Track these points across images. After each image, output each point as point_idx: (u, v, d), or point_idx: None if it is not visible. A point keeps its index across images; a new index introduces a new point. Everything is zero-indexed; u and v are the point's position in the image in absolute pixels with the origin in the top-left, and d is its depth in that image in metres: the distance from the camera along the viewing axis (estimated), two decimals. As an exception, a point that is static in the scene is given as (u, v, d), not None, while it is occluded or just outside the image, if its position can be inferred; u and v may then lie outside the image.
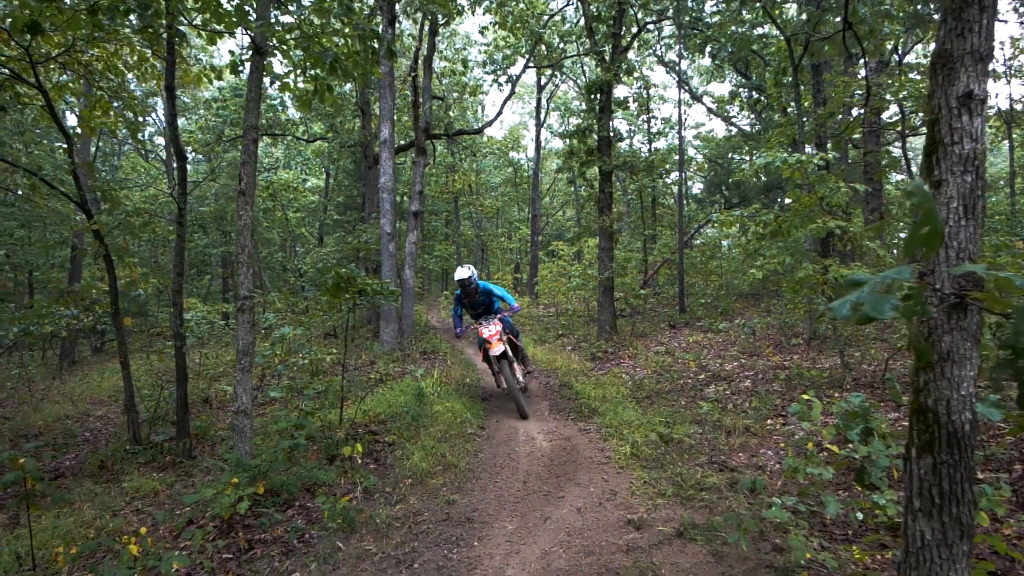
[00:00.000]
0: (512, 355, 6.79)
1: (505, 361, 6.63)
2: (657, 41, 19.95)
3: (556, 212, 34.75)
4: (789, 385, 6.37)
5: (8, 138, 13.24)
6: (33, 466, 2.55)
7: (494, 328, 6.63)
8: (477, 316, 7.15)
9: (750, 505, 3.38)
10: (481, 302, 7.10)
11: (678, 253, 13.66)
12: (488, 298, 7.08)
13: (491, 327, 6.64)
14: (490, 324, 6.67)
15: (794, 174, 6.24)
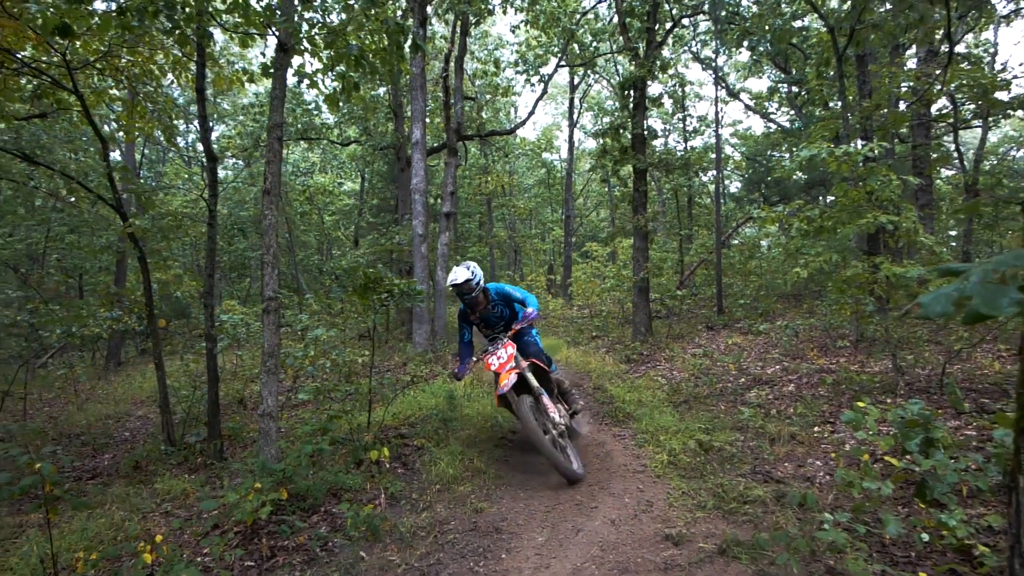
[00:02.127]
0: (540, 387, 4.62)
1: (528, 397, 4.43)
2: (692, 37, 19.50)
3: (590, 213, 34.40)
4: (836, 390, 6.02)
5: (58, 146, 13.69)
6: (50, 470, 2.50)
7: (503, 353, 4.60)
8: (496, 336, 5.03)
9: (799, 521, 3.13)
10: (497, 314, 5.08)
11: (716, 253, 13.26)
12: (507, 305, 5.07)
13: (499, 352, 4.62)
14: (497, 348, 4.67)
15: (841, 167, 5.90)
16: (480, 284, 4.79)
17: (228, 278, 24.28)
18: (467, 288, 4.71)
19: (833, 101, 16.04)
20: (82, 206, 9.76)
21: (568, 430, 4.69)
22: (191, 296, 13.41)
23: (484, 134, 18.49)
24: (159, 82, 7.70)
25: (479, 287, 4.80)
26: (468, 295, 4.77)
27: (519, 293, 4.99)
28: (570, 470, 4.27)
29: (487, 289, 4.97)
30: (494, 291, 4.99)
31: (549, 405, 4.51)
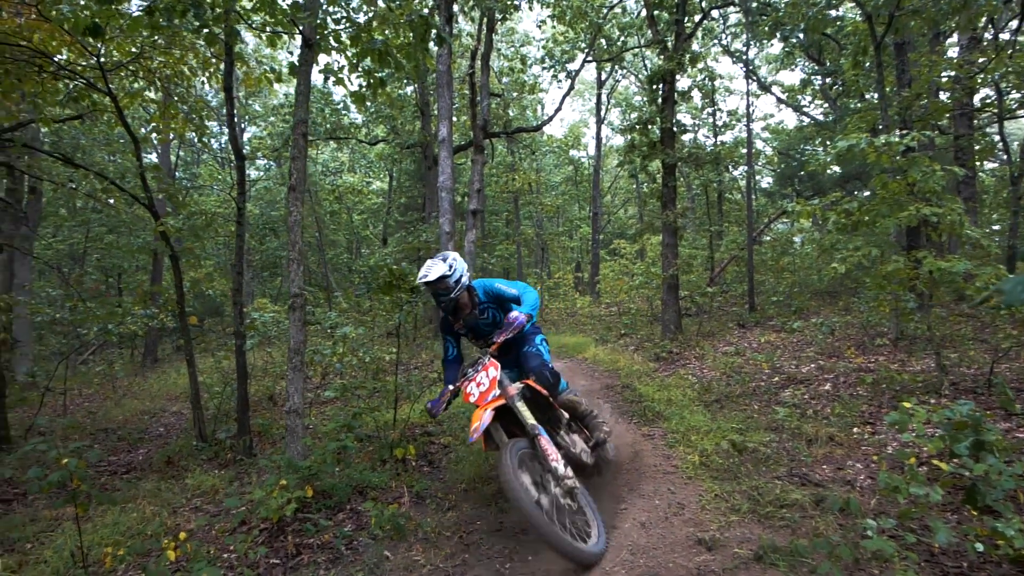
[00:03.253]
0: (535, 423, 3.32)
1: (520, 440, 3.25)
2: (722, 30, 19.13)
3: (617, 210, 34.08)
4: (876, 390, 5.80)
5: (96, 148, 14.09)
6: (78, 465, 2.51)
7: (484, 378, 3.45)
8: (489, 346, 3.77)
9: (840, 527, 2.98)
10: (488, 321, 3.93)
11: (747, 249, 12.97)
12: (500, 307, 3.91)
13: (478, 377, 3.48)
14: (478, 371, 3.52)
15: (880, 158, 5.67)
16: (462, 281, 3.62)
17: (260, 277, 24.68)
18: (443, 286, 3.55)
19: (870, 92, 15.57)
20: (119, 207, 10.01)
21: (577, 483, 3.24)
22: (223, 294, 13.65)
23: (511, 131, 18.43)
24: (190, 83, 7.81)
25: (460, 285, 3.61)
26: (446, 296, 3.60)
27: (513, 289, 3.86)
28: (577, 552, 2.90)
29: (472, 288, 3.79)
30: (482, 290, 3.83)
31: (550, 450, 3.20)
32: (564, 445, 3.56)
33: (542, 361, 3.74)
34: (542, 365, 3.69)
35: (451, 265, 3.60)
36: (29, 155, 7.94)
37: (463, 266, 3.68)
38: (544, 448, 3.21)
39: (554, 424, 3.61)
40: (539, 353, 3.79)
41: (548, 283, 22.14)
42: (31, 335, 12.28)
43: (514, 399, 3.35)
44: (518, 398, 3.37)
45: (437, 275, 3.53)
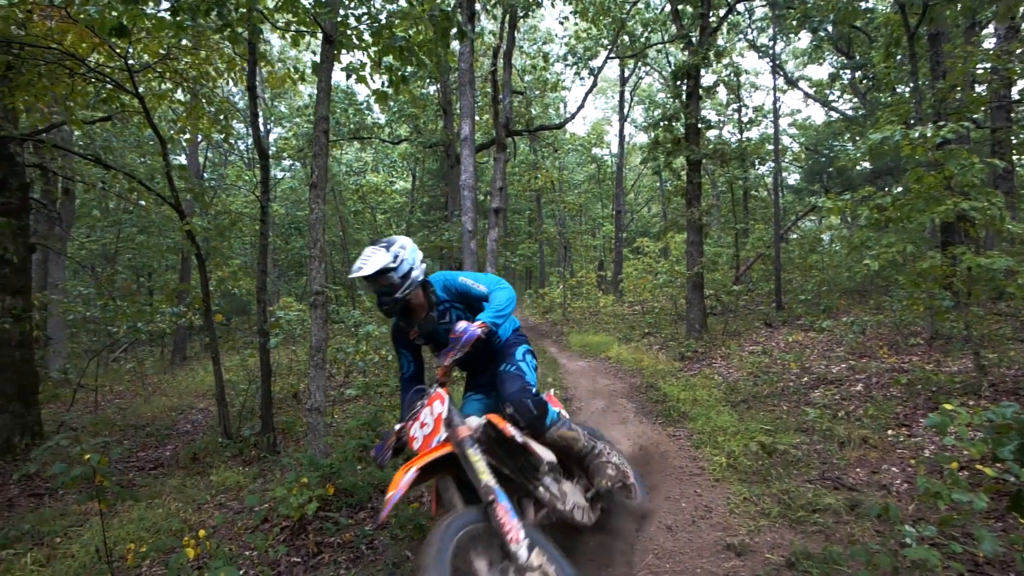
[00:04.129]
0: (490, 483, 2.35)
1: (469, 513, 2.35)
2: (748, 24, 18.80)
3: (641, 208, 33.80)
4: (911, 391, 5.61)
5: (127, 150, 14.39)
6: (99, 461, 2.52)
7: (428, 415, 2.57)
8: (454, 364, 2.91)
9: (878, 534, 2.86)
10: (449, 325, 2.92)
11: (774, 247, 12.71)
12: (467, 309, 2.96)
13: (424, 415, 2.60)
14: (423, 407, 2.63)
15: (915, 151, 5.48)
16: (413, 276, 2.74)
17: (286, 276, 24.99)
18: (387, 283, 2.67)
19: (902, 85, 15.16)
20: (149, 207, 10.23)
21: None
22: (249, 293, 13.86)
23: (533, 129, 18.35)
24: (215, 83, 7.89)
25: (411, 281, 2.73)
26: (390, 295, 2.70)
27: (483, 284, 2.90)
28: None
29: (428, 284, 2.91)
30: (441, 285, 2.92)
31: (508, 524, 2.23)
32: (546, 501, 2.64)
33: (523, 385, 2.76)
34: (522, 391, 2.71)
35: (397, 255, 2.68)
36: (62, 156, 8.12)
37: (415, 256, 2.78)
38: (500, 520, 2.22)
39: (528, 474, 2.62)
40: (520, 374, 2.82)
41: (571, 282, 22.01)
42: (64, 333, 12.57)
43: (465, 445, 2.38)
44: (470, 444, 2.39)
45: (376, 268, 2.61)
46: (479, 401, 3.07)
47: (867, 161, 15.06)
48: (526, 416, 2.66)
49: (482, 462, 2.38)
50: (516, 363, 2.90)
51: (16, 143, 6.54)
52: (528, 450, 2.56)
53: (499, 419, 2.56)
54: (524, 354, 2.97)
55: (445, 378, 2.68)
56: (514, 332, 3.12)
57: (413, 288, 2.77)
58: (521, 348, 3.00)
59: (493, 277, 2.97)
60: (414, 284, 2.76)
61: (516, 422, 2.60)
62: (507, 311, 2.76)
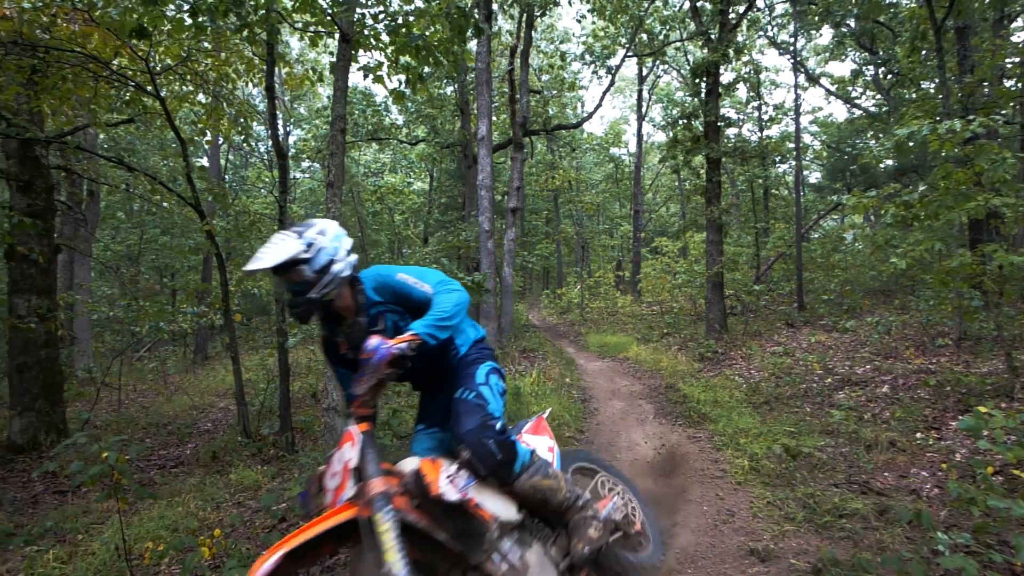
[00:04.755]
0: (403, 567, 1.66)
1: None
2: (768, 21, 18.55)
3: (659, 208, 33.55)
4: (939, 393, 5.46)
5: (150, 152, 14.64)
6: (116, 460, 2.53)
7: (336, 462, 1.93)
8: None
9: (909, 541, 2.77)
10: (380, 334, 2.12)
11: (796, 245, 12.52)
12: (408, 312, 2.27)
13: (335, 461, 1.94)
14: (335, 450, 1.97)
15: (944, 146, 5.33)
16: (334, 271, 2.12)
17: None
18: (297, 278, 2.07)
19: (927, 81, 14.85)
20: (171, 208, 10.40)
21: None
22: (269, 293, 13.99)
23: (550, 128, 18.31)
24: (234, 85, 7.96)
25: (331, 277, 2.11)
26: (302, 294, 2.09)
27: (428, 283, 2.24)
28: None
29: (357, 281, 2.26)
30: (372, 284, 2.26)
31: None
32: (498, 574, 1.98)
33: (484, 419, 2.12)
34: (482, 428, 2.08)
35: (311, 243, 2.07)
36: (87, 159, 8.26)
37: (339, 245, 2.16)
38: None
39: (473, 541, 1.95)
40: (480, 403, 2.17)
41: (588, 282, 21.91)
42: (90, 332, 12.79)
43: (374, 507, 1.78)
44: (381, 506, 1.77)
45: (279, 260, 1.98)
46: (431, 437, 2.38)
47: (892, 158, 14.77)
48: (487, 462, 2.03)
49: (391, 533, 1.71)
50: (476, 388, 2.21)
51: (41, 146, 6.64)
52: (469, 511, 1.96)
53: (431, 467, 1.97)
54: (488, 375, 2.28)
55: (362, 412, 1.97)
56: (476, 345, 2.40)
57: (335, 287, 2.11)
58: (484, 367, 2.31)
59: (440, 275, 2.29)
60: (336, 281, 2.11)
61: (474, 469, 2.03)
62: (452, 319, 2.10)
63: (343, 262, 2.15)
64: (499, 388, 2.32)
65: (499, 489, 2.11)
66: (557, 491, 2.22)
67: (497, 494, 2.10)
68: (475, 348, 2.40)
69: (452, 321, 2.10)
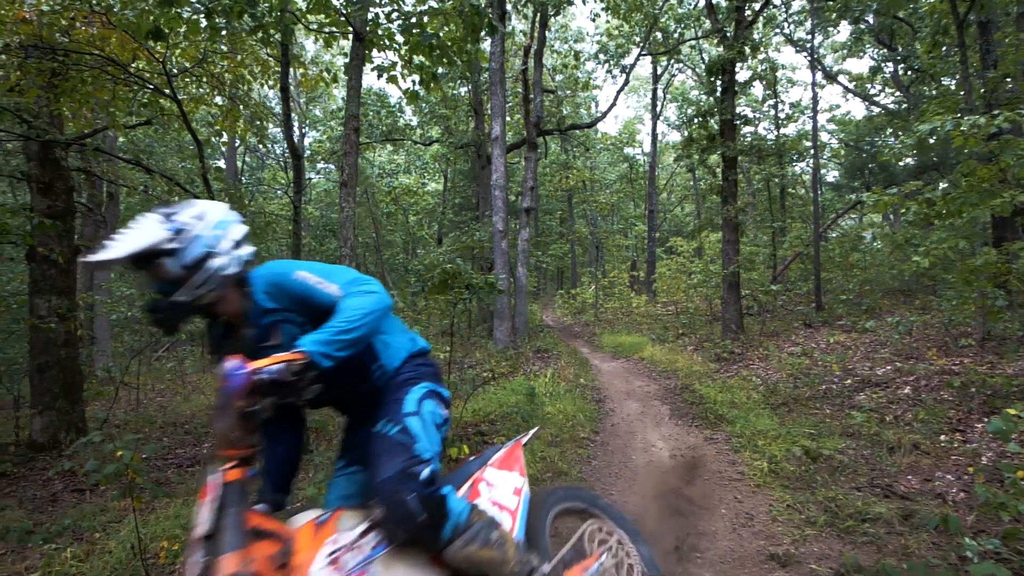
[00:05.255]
0: None
1: None
2: (785, 18, 18.34)
3: (674, 208, 33.35)
4: (964, 394, 5.34)
5: (169, 154, 14.82)
6: (131, 458, 2.54)
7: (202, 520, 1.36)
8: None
9: (935, 547, 2.69)
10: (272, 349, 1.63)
11: (813, 245, 12.35)
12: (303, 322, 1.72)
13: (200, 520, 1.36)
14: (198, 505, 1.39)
15: (968, 141, 5.21)
16: (215, 265, 1.62)
17: (321, 278, 25.33)
18: (163, 274, 1.58)
19: (948, 77, 14.59)
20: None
21: None
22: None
23: (564, 128, 18.26)
24: (250, 86, 8.02)
25: (210, 275, 1.62)
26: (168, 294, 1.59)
27: (335, 283, 1.73)
28: None
29: (243, 282, 1.75)
30: (265, 285, 1.74)
31: None
32: None
33: (407, 465, 1.62)
34: (402, 478, 1.59)
35: (181, 229, 1.58)
36: (105, 160, 8.35)
37: (222, 234, 1.65)
38: None
39: None
40: (403, 442, 1.68)
41: (603, 282, 21.82)
42: (109, 332, 12.96)
43: None
44: None
45: (132, 250, 1.51)
46: (351, 479, 1.90)
47: (912, 155, 14.53)
48: (405, 523, 1.57)
49: None
50: (401, 420, 1.71)
51: (61, 148, 6.73)
52: None
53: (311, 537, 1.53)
54: (421, 401, 1.79)
55: (230, 454, 1.44)
56: (411, 361, 1.91)
57: (212, 287, 1.61)
58: (417, 391, 1.81)
59: (352, 273, 1.78)
60: (214, 280, 1.61)
61: (388, 532, 1.58)
62: (357, 331, 1.58)
63: (227, 256, 1.64)
64: (435, 417, 1.81)
65: (425, 559, 1.64)
66: (502, 564, 1.69)
67: (421, 568, 1.61)
68: (409, 365, 1.89)
69: (356, 333, 1.58)
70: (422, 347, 1.98)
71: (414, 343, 1.96)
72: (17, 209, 6.62)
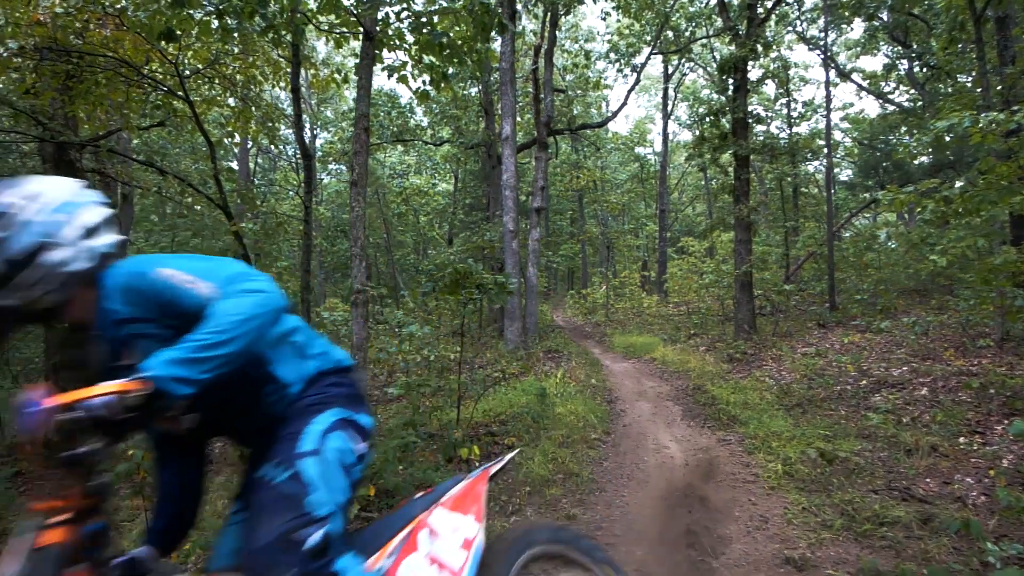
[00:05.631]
0: None
1: None
2: (797, 16, 18.18)
3: (685, 207, 33.18)
4: (983, 395, 5.24)
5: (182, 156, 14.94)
6: (142, 457, 2.55)
7: None
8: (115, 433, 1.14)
9: (955, 551, 2.63)
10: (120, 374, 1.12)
11: (827, 244, 12.21)
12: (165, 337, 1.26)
13: None
14: None
15: (986, 138, 5.12)
16: (53, 260, 1.24)
17: (333, 278, 25.49)
18: None
19: (964, 73, 14.39)
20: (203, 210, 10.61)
21: None
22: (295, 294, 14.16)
23: (575, 128, 18.21)
24: (261, 87, 8.05)
25: (48, 273, 1.24)
26: None
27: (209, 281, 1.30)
28: None
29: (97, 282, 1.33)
30: (121, 287, 1.31)
31: None
32: None
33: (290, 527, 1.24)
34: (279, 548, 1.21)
35: (4, 213, 1.22)
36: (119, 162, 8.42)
37: (64, 220, 1.29)
38: None
39: None
40: (290, 494, 1.29)
41: (614, 282, 21.73)
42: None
43: None
44: None
45: None
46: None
47: (928, 153, 14.35)
48: None
49: None
50: (293, 462, 1.32)
51: (76, 149, 6.78)
52: None
53: None
54: (327, 434, 1.39)
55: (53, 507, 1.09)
56: (319, 380, 1.50)
57: (51, 288, 1.26)
58: (322, 420, 1.41)
59: (236, 267, 1.37)
60: (53, 279, 1.25)
61: None
62: (227, 345, 1.20)
63: (71, 248, 1.27)
64: (345, 455, 1.38)
65: None
66: None
67: None
68: (317, 386, 1.46)
69: (228, 348, 1.18)
70: (337, 363, 1.53)
71: (326, 358, 1.52)
72: (33, 210, 6.67)
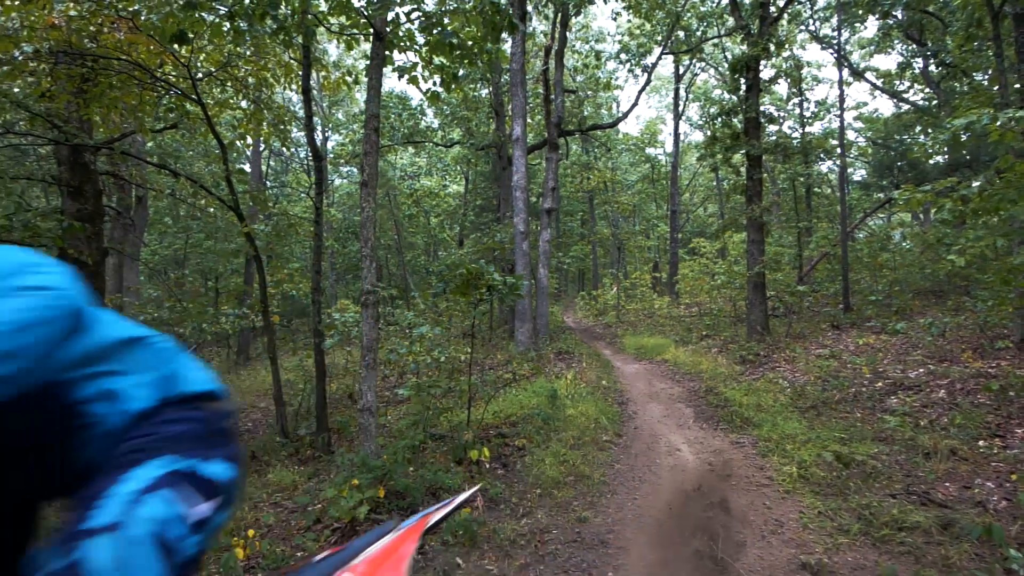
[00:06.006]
0: None
1: None
2: (810, 15, 18.02)
3: (696, 208, 32.97)
4: (1002, 398, 5.14)
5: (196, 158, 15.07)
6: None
7: None
8: None
9: (977, 557, 2.57)
10: None
11: (841, 245, 12.07)
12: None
13: None
14: None
15: (1005, 136, 5.03)
16: None
17: (344, 279, 25.59)
18: None
19: (980, 72, 14.18)
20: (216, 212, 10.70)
21: None
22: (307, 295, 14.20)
23: (585, 129, 18.15)
24: (273, 90, 8.09)
25: None
26: None
27: None
28: None
29: None
30: None
31: None
32: None
33: None
34: None
35: None
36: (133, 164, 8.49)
37: None
38: None
39: None
40: None
41: (625, 283, 21.63)
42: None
43: None
44: None
45: None
46: None
47: (945, 152, 14.15)
48: None
49: None
50: (77, 543, 0.60)
51: (90, 152, 6.84)
52: None
53: None
54: (143, 494, 0.66)
55: None
56: (153, 415, 0.81)
57: None
58: (138, 475, 0.69)
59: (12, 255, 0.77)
60: None
61: None
62: None
63: None
64: (166, 528, 0.65)
65: None
66: None
67: None
68: (147, 424, 0.80)
69: None
70: (191, 389, 0.87)
71: (171, 382, 0.86)
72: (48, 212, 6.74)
